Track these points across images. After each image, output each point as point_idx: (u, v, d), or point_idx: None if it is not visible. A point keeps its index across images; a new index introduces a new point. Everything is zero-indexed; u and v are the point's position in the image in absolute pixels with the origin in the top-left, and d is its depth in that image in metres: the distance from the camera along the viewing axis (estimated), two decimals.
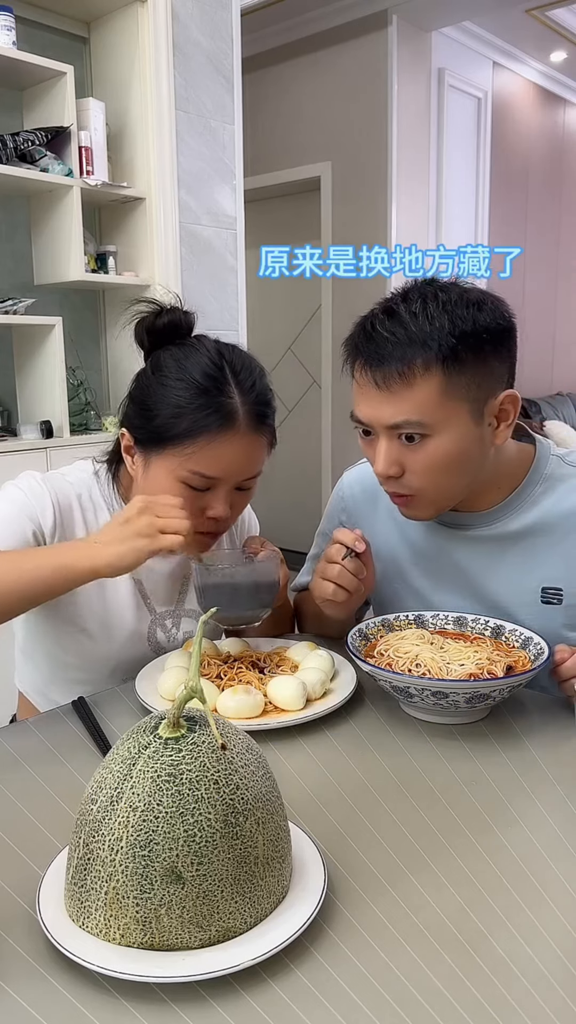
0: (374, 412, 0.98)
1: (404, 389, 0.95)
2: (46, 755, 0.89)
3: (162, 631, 1.19)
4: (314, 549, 1.36)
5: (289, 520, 4.98)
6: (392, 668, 0.95)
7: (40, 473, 1.13)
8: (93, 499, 1.14)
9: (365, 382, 0.98)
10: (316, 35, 4.26)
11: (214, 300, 2.94)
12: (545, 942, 0.60)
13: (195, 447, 1.02)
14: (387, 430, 0.98)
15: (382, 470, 1.00)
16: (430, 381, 0.94)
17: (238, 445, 1.03)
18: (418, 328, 0.94)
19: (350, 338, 1.02)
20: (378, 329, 0.97)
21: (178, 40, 2.69)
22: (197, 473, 1.02)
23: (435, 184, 4.43)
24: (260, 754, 0.64)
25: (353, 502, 1.27)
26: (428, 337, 0.94)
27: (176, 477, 1.03)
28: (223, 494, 1.05)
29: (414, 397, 0.95)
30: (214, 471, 1.03)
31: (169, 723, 0.60)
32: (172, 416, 1.02)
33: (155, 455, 1.05)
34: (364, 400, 1.00)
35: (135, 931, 0.57)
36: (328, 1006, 0.54)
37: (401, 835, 0.73)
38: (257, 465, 1.08)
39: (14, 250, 2.64)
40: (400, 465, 1.00)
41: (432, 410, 0.95)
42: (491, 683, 0.89)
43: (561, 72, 5.22)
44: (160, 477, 1.05)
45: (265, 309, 4.91)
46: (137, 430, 1.07)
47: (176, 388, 1.03)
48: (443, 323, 0.94)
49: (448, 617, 1.10)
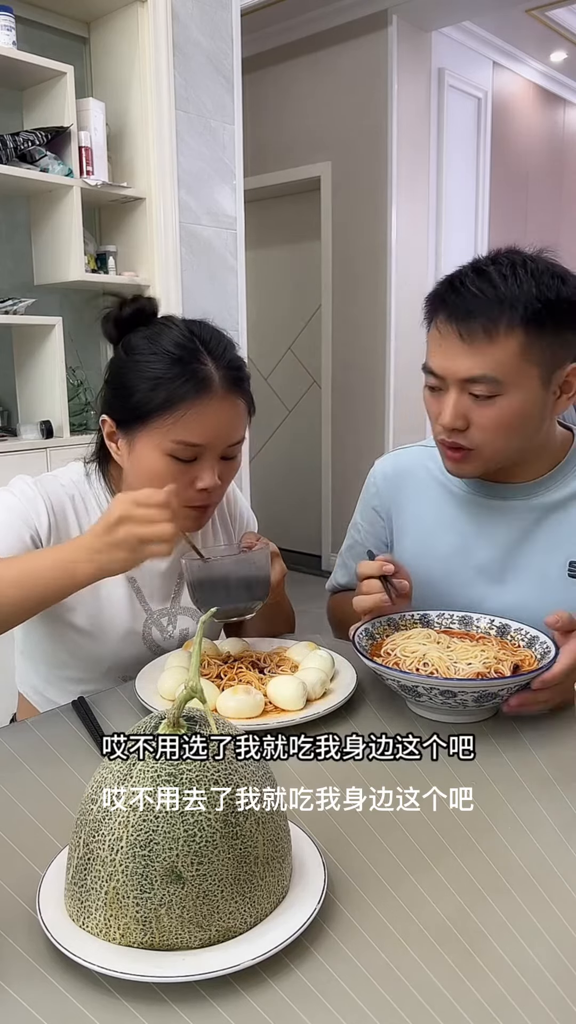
0: (451, 364, 1.01)
1: (486, 344, 0.99)
2: (46, 755, 0.89)
3: (158, 629, 1.19)
4: (347, 541, 1.37)
5: (289, 520, 4.98)
6: (400, 667, 0.95)
7: (32, 477, 1.13)
8: (85, 500, 1.15)
9: (448, 333, 1.01)
10: (316, 35, 4.26)
11: (214, 300, 2.94)
12: (545, 942, 0.60)
13: (175, 416, 1.02)
14: (460, 383, 1.02)
15: (448, 422, 1.03)
16: (511, 340, 0.98)
17: (218, 409, 1.04)
18: (507, 289, 0.98)
19: (435, 293, 1.05)
20: (467, 285, 1.00)
21: (178, 40, 2.69)
22: (181, 442, 1.03)
23: (435, 184, 4.43)
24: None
25: (386, 487, 1.29)
26: (515, 299, 0.98)
27: (162, 451, 1.04)
28: (210, 463, 1.06)
29: (494, 353, 0.99)
30: (198, 438, 1.03)
31: (169, 723, 0.60)
32: (150, 390, 1.03)
33: (139, 433, 1.05)
34: (442, 352, 1.02)
35: (135, 931, 0.57)
36: (328, 1006, 0.54)
37: (401, 835, 0.73)
38: (239, 430, 1.08)
39: (14, 250, 2.64)
40: (466, 419, 1.03)
41: (508, 369, 0.99)
42: (499, 682, 0.90)
43: (561, 72, 5.22)
44: (146, 454, 1.05)
45: (265, 309, 4.92)
46: (117, 412, 1.08)
47: (151, 363, 1.04)
48: (530, 288, 0.98)
49: (454, 616, 1.10)
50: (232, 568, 1.07)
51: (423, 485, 1.24)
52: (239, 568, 1.07)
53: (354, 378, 4.47)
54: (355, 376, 4.46)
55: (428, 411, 1.10)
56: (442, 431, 1.07)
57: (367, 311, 4.33)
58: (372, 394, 4.40)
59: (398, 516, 1.27)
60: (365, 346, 4.37)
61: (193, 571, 1.07)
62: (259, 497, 3.61)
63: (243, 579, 1.07)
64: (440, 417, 1.05)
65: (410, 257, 4.32)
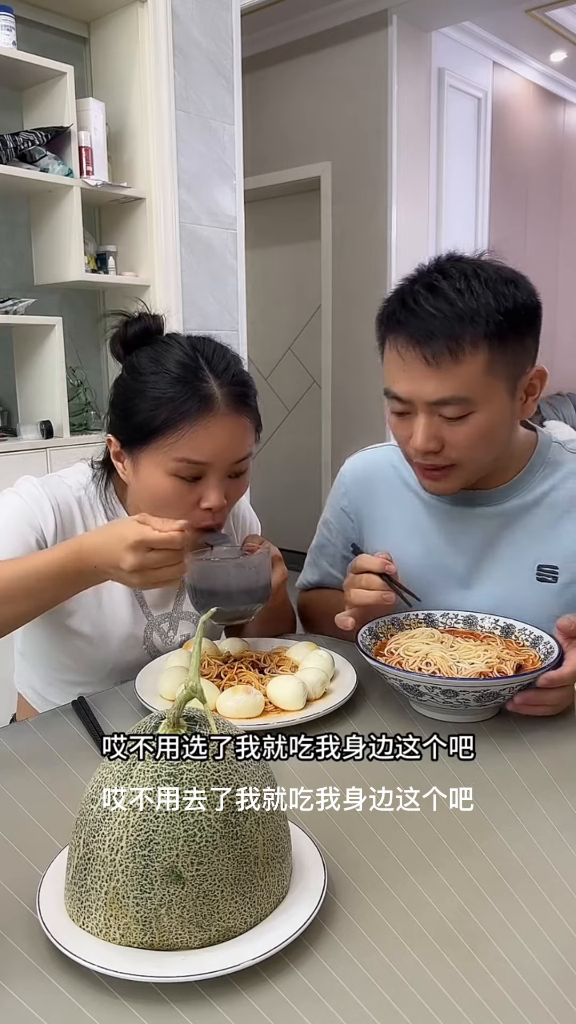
0: (417, 388, 0.99)
1: (452, 365, 0.96)
2: (46, 755, 0.89)
3: (158, 634, 1.19)
4: (317, 539, 1.37)
5: (289, 520, 4.98)
6: (402, 667, 0.95)
7: (38, 477, 1.13)
8: (93, 504, 1.14)
9: (412, 358, 0.98)
10: (316, 35, 4.25)
11: (214, 300, 2.94)
12: (545, 942, 0.60)
13: (178, 435, 1.02)
14: (429, 406, 1.00)
15: (422, 445, 1.02)
16: (477, 357, 0.96)
17: (220, 427, 1.03)
18: (465, 305, 0.95)
19: (388, 315, 1.02)
20: (422, 305, 0.97)
21: (178, 40, 2.69)
22: (184, 460, 1.02)
23: (435, 184, 4.42)
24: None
25: (356, 489, 1.28)
26: (475, 313, 0.95)
27: (165, 471, 1.03)
28: (215, 482, 1.05)
29: (460, 373, 0.97)
30: (201, 456, 1.03)
31: (169, 723, 0.60)
32: (151, 409, 1.03)
33: (142, 453, 1.05)
34: (407, 376, 1.00)
35: (135, 931, 0.57)
36: (328, 1006, 0.54)
37: (401, 835, 0.73)
38: (244, 448, 1.07)
39: (14, 250, 2.64)
40: (439, 440, 1.02)
41: (476, 386, 0.98)
42: (501, 681, 0.90)
43: (561, 72, 5.22)
44: (150, 474, 1.05)
45: (265, 309, 4.91)
46: (121, 432, 1.07)
47: (153, 382, 1.04)
48: (488, 300, 0.96)
49: (458, 616, 1.10)
50: (234, 572, 1.06)
51: (392, 489, 1.23)
52: (240, 572, 1.07)
53: (354, 378, 4.46)
54: (355, 376, 4.46)
55: (396, 436, 1.08)
56: (415, 454, 1.05)
57: (367, 311, 4.30)
58: (372, 394, 4.39)
59: (367, 519, 1.26)
60: (365, 346, 4.34)
61: (194, 574, 1.06)
62: (259, 497, 3.61)
63: (244, 583, 1.06)
64: (412, 441, 1.03)
65: (410, 257, 4.31)
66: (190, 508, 1.05)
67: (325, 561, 1.34)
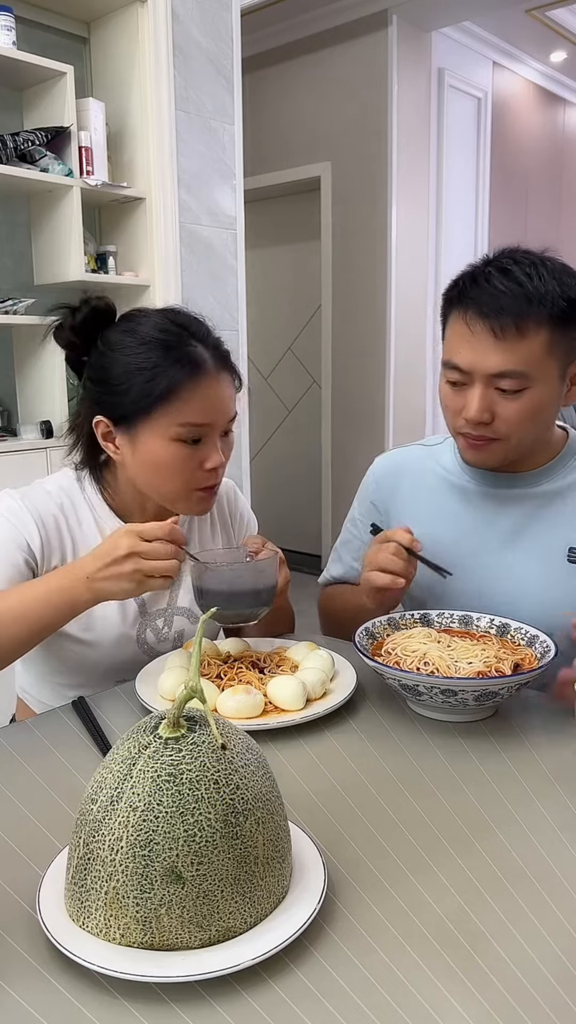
0: (481, 359, 1.04)
1: (517, 340, 1.02)
2: (46, 755, 0.89)
3: (152, 631, 1.18)
4: (342, 536, 1.38)
5: (289, 520, 4.98)
6: (400, 666, 0.95)
7: (17, 491, 1.13)
8: (76, 507, 1.14)
9: (480, 330, 1.03)
10: (316, 35, 4.26)
11: (214, 300, 2.94)
12: (545, 942, 0.60)
13: (180, 400, 1.04)
14: (488, 378, 1.05)
15: (476, 415, 1.06)
16: (540, 336, 1.03)
17: (214, 386, 1.06)
18: (534, 287, 1.03)
19: (457, 290, 1.08)
20: (494, 284, 1.04)
21: (178, 40, 2.69)
22: (188, 424, 1.04)
23: (435, 184, 4.42)
24: (260, 754, 0.64)
25: (385, 482, 1.31)
26: (543, 296, 1.02)
27: (169, 438, 1.05)
28: (214, 442, 1.08)
29: (523, 349, 1.03)
30: (202, 417, 1.05)
31: (169, 723, 0.60)
32: (147, 381, 1.04)
33: (141, 427, 1.06)
34: (471, 347, 1.05)
35: (135, 931, 0.57)
36: (328, 1006, 0.54)
37: (401, 835, 0.73)
38: (234, 405, 1.10)
39: (14, 250, 2.64)
40: (492, 412, 1.07)
41: (535, 363, 1.04)
42: (500, 681, 0.90)
43: (561, 72, 5.22)
44: (152, 445, 1.06)
45: (265, 309, 4.91)
46: (113, 409, 1.07)
47: (142, 353, 1.05)
48: (554, 287, 1.03)
49: (454, 616, 1.11)
50: (241, 575, 1.07)
51: (422, 480, 1.27)
52: (248, 576, 1.07)
53: (354, 378, 4.47)
54: (355, 376, 4.46)
55: (446, 405, 1.12)
56: (465, 424, 1.09)
57: (367, 311, 4.33)
58: (372, 394, 4.40)
59: (396, 510, 1.29)
60: (365, 346, 4.37)
61: (201, 577, 1.06)
62: (259, 497, 3.61)
63: (251, 586, 1.07)
64: (465, 411, 1.08)
65: (410, 257, 4.32)
66: (194, 471, 1.07)
67: (349, 556, 1.35)
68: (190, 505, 1.11)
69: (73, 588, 0.97)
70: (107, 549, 0.96)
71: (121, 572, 0.95)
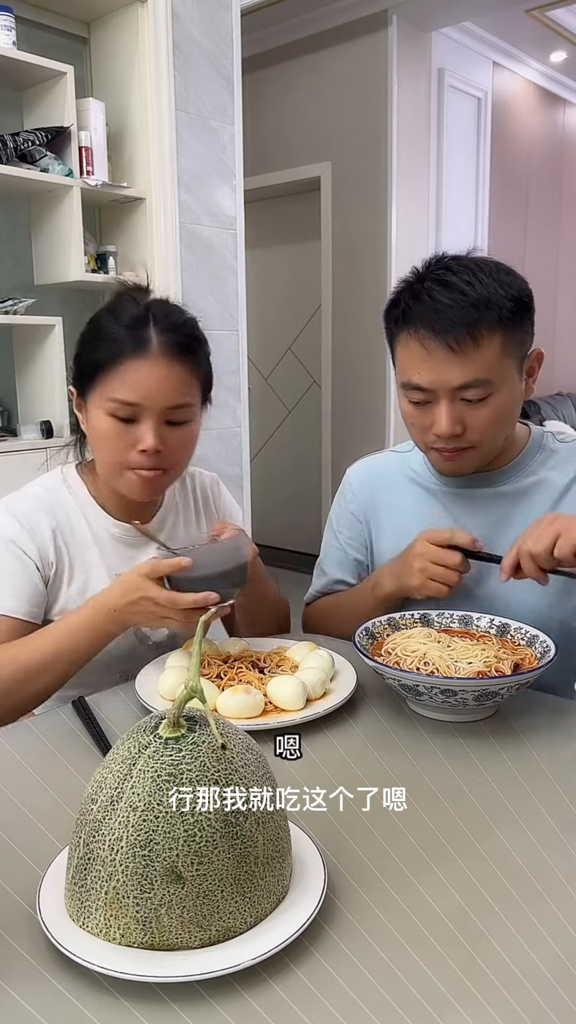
0: (441, 375, 1.05)
1: (473, 350, 1.03)
2: (46, 755, 0.89)
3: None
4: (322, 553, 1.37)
5: (289, 520, 4.98)
6: (400, 666, 0.95)
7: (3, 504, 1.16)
8: (62, 501, 1.18)
9: (435, 347, 1.04)
10: (316, 35, 4.25)
11: (214, 300, 2.94)
12: (545, 942, 0.60)
13: (116, 376, 1.06)
14: (451, 391, 1.05)
15: (447, 430, 1.07)
16: (494, 340, 1.04)
17: (152, 369, 1.06)
18: (477, 294, 1.03)
19: (402, 312, 1.08)
20: (438, 299, 1.04)
21: (178, 40, 2.69)
22: (116, 400, 1.06)
23: (435, 184, 4.42)
24: (260, 754, 0.64)
25: (361, 491, 1.31)
26: (488, 301, 1.03)
27: (103, 411, 1.08)
28: (150, 425, 1.07)
29: (481, 357, 1.03)
30: (132, 396, 1.06)
31: (169, 723, 0.60)
32: (94, 351, 1.09)
33: (90, 397, 1.10)
34: (427, 366, 1.05)
35: (135, 931, 0.57)
36: (328, 1006, 0.54)
37: (401, 835, 0.73)
38: (181, 395, 1.09)
39: (14, 250, 2.64)
40: (462, 423, 1.08)
41: (495, 368, 1.05)
42: (500, 681, 0.90)
43: (561, 72, 5.22)
44: (94, 416, 1.10)
45: (265, 309, 4.91)
46: (75, 377, 1.14)
47: (102, 327, 1.09)
48: (496, 289, 1.04)
49: (453, 616, 1.11)
50: (206, 557, 1.04)
51: (396, 484, 1.28)
52: (213, 557, 1.05)
53: (354, 378, 4.46)
54: (355, 376, 4.46)
55: (412, 423, 1.13)
56: (437, 440, 1.10)
57: (367, 311, 4.33)
58: (372, 394, 4.40)
59: (375, 517, 1.29)
60: (365, 346, 4.37)
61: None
62: (259, 497, 3.61)
63: (219, 567, 1.05)
64: (435, 427, 1.08)
65: (410, 257, 4.28)
66: (127, 450, 1.08)
67: (334, 566, 1.34)
68: (127, 485, 1.12)
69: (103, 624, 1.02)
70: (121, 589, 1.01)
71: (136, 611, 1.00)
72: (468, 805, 0.78)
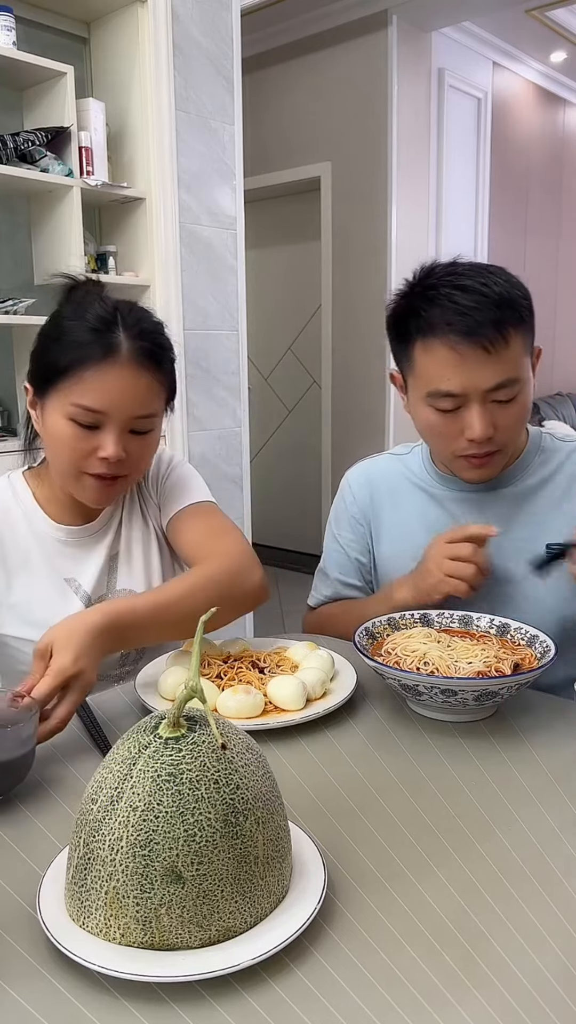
0: (474, 379, 1.04)
1: (504, 349, 1.03)
2: (46, 755, 0.89)
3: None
4: (324, 559, 1.36)
5: (289, 520, 4.98)
6: (400, 666, 0.95)
7: None
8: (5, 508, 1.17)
9: (468, 351, 1.03)
10: (316, 35, 4.26)
11: (214, 300, 2.94)
12: (545, 942, 0.60)
13: (77, 379, 1.04)
14: (483, 394, 1.05)
15: (483, 433, 1.06)
16: (518, 338, 1.05)
17: (120, 377, 1.04)
18: (496, 294, 1.03)
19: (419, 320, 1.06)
20: (459, 302, 1.03)
21: (178, 40, 2.69)
22: (79, 406, 1.04)
23: (435, 184, 4.43)
24: (260, 754, 0.64)
25: (362, 494, 1.31)
26: (505, 300, 1.03)
27: (64, 415, 1.05)
28: (113, 433, 1.05)
29: (510, 355, 1.04)
30: (97, 403, 1.03)
31: (169, 723, 0.60)
32: (59, 352, 1.05)
33: (49, 397, 1.07)
34: (460, 371, 1.04)
35: (135, 931, 0.57)
36: (328, 1006, 0.54)
37: (401, 835, 0.73)
38: (145, 404, 1.07)
39: (14, 250, 2.64)
40: (494, 425, 1.07)
41: (520, 365, 1.06)
42: (500, 681, 0.90)
43: (561, 72, 5.22)
44: (53, 419, 1.07)
45: (265, 309, 4.92)
46: (33, 376, 1.10)
47: (68, 328, 1.06)
48: (508, 287, 1.05)
49: (453, 616, 1.10)
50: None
51: (397, 489, 1.27)
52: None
53: (354, 378, 4.47)
54: (355, 376, 4.46)
55: (440, 433, 1.11)
56: (470, 445, 1.08)
57: (367, 311, 4.33)
58: (372, 394, 4.40)
59: (375, 520, 1.29)
60: (365, 346, 4.37)
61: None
62: (259, 497, 3.61)
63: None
64: (468, 432, 1.07)
65: (410, 257, 4.32)
66: (86, 456, 1.06)
67: (337, 572, 1.33)
68: (82, 490, 1.09)
69: None
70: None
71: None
72: (468, 805, 0.78)
